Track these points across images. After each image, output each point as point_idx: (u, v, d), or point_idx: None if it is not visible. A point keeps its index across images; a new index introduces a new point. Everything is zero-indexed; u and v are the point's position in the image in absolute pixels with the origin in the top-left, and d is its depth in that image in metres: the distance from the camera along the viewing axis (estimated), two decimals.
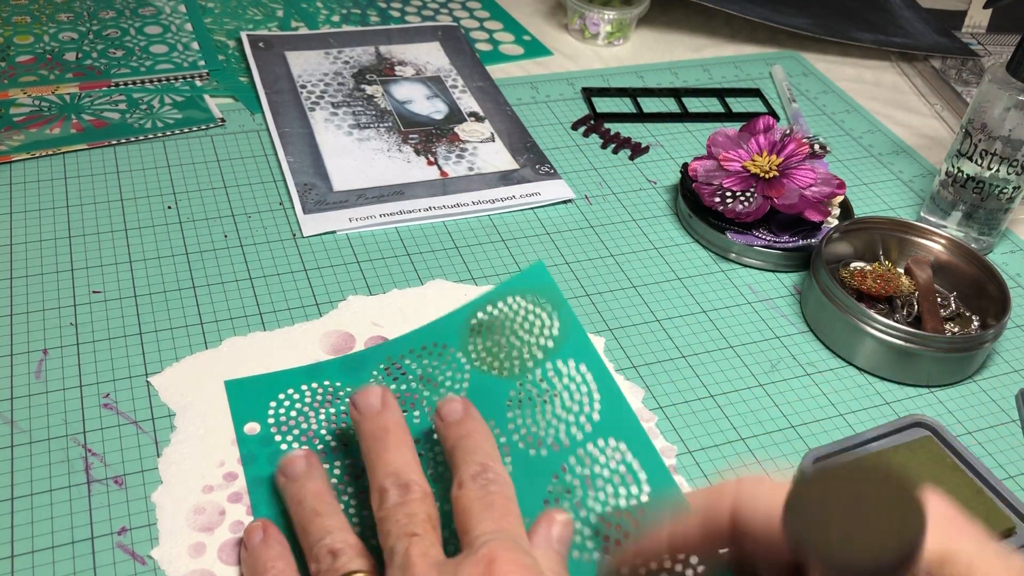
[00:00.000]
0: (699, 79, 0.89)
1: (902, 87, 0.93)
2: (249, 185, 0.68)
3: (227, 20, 0.89)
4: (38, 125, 0.71)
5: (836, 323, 0.59)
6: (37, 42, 0.81)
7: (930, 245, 0.64)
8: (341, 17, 0.92)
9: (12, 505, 0.45)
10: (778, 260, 0.65)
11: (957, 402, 0.57)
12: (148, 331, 0.55)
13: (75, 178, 0.66)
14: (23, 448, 0.47)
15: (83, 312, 0.56)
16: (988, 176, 0.65)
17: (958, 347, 0.56)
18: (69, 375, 0.52)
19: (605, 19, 0.91)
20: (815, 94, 0.89)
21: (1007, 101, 0.63)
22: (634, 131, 0.80)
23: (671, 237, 0.68)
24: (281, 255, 0.62)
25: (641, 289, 0.63)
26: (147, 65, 0.79)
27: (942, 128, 0.87)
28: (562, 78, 0.86)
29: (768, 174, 0.65)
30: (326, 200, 0.67)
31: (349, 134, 0.74)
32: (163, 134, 0.72)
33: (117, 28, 0.85)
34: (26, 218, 0.62)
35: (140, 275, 0.59)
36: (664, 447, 0.52)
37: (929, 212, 0.71)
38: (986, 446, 0.55)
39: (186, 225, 0.63)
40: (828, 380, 0.58)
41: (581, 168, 0.74)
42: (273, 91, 0.78)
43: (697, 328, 0.60)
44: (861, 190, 0.76)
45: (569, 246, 0.66)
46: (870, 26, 0.99)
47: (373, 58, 0.84)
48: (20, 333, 0.54)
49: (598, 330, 0.59)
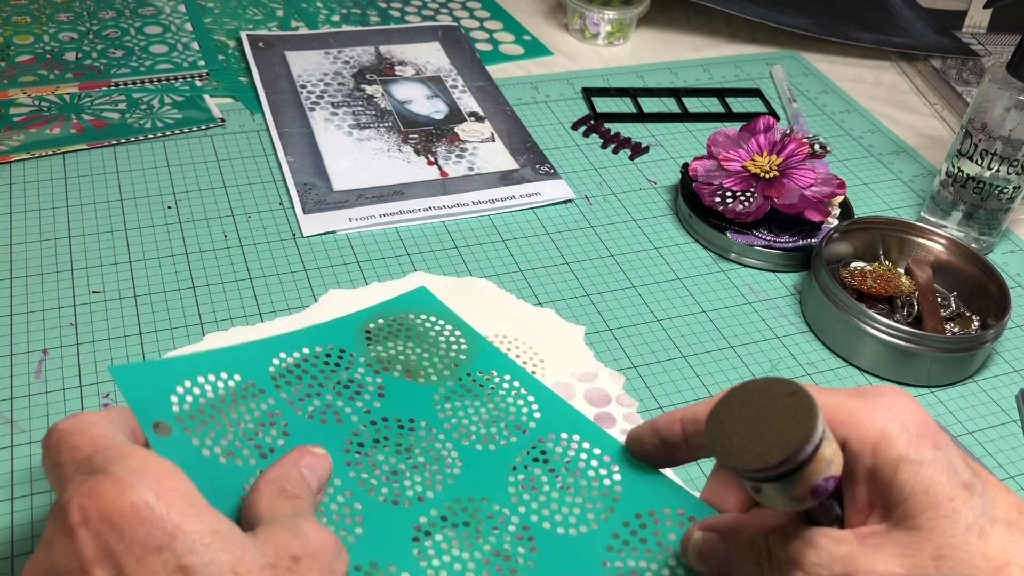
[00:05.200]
0: (699, 79, 0.89)
1: (902, 87, 0.93)
2: (249, 185, 0.68)
3: (227, 20, 0.89)
4: (38, 125, 0.71)
5: (836, 323, 0.59)
6: (37, 42, 0.81)
7: (930, 245, 0.64)
8: (341, 17, 0.92)
9: (12, 505, 0.45)
10: (778, 260, 0.65)
11: (957, 402, 0.57)
12: (148, 331, 0.55)
13: (75, 178, 0.66)
14: (23, 448, 0.47)
15: (83, 312, 0.56)
16: (988, 176, 0.65)
17: (958, 347, 0.56)
18: (69, 375, 0.52)
19: (605, 19, 0.91)
20: (815, 94, 0.89)
21: (1007, 101, 0.63)
22: (634, 131, 0.80)
23: (671, 237, 0.68)
24: (281, 255, 0.62)
25: (641, 289, 0.63)
26: (147, 65, 0.79)
27: (942, 128, 0.87)
28: (562, 78, 0.86)
29: (768, 174, 0.65)
30: (326, 200, 0.67)
31: (349, 134, 0.74)
32: (163, 134, 0.72)
33: (117, 28, 0.85)
34: (26, 218, 0.62)
35: (140, 275, 0.59)
36: None
37: (929, 212, 0.71)
38: (986, 446, 0.54)
39: (186, 225, 0.63)
40: (828, 380, 0.58)
41: (581, 168, 0.74)
42: (273, 91, 0.78)
43: (697, 328, 0.60)
44: (861, 190, 0.76)
45: (569, 246, 0.66)
46: (870, 26, 0.99)
47: (373, 58, 0.84)
48: (20, 333, 0.54)
49: (598, 330, 0.59)
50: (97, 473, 0.31)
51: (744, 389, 0.35)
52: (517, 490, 0.42)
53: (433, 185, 0.69)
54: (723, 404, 0.36)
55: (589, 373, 0.55)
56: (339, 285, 0.60)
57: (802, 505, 0.34)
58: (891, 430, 0.35)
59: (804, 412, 0.33)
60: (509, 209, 0.69)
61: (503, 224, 0.67)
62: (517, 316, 0.59)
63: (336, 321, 0.49)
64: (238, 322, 0.56)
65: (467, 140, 0.75)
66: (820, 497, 0.34)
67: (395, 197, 0.68)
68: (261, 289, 0.59)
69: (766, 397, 0.34)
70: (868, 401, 0.36)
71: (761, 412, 0.34)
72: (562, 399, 0.47)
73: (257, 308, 0.57)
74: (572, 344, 0.57)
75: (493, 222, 0.67)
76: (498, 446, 0.44)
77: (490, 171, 0.72)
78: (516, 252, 0.65)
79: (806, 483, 0.33)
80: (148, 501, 0.30)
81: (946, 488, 0.33)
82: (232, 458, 0.39)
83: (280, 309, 0.58)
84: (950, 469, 0.34)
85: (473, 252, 0.64)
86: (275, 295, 0.59)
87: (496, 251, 0.65)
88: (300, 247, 0.63)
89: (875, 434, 0.35)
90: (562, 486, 0.43)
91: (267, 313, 0.57)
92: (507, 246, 0.65)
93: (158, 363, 0.42)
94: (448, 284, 0.61)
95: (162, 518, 0.30)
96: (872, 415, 0.35)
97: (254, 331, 0.55)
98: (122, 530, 0.30)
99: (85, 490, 0.30)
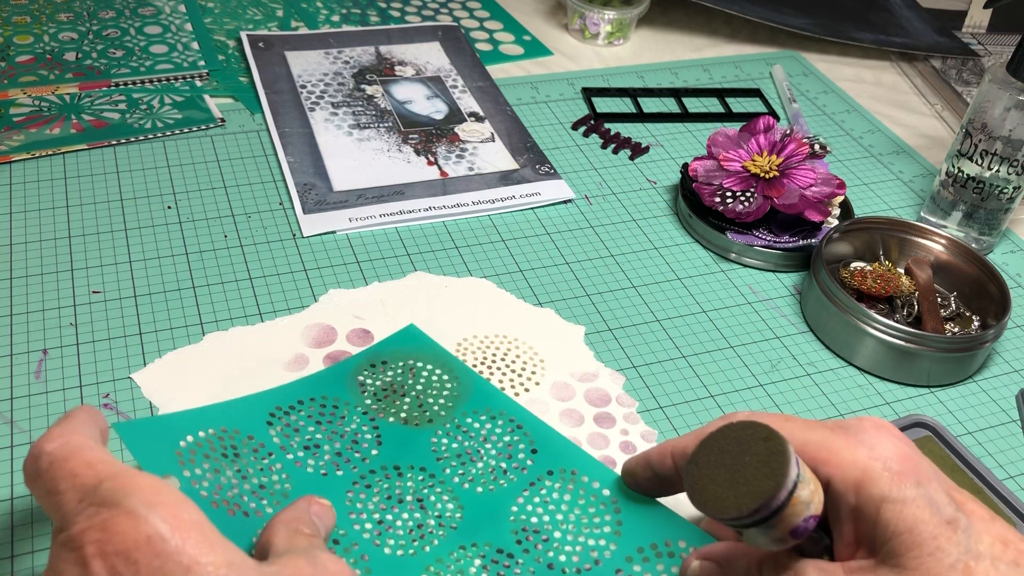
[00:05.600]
0: (699, 79, 0.89)
1: (902, 87, 0.93)
2: (249, 185, 0.68)
3: (227, 20, 0.89)
4: (38, 125, 0.71)
5: (836, 323, 0.59)
6: (37, 42, 0.81)
7: (930, 245, 0.64)
8: (341, 17, 0.92)
9: (12, 505, 0.45)
10: (778, 260, 0.65)
11: (957, 402, 0.57)
12: (148, 331, 0.55)
13: (75, 178, 0.66)
14: (23, 448, 0.47)
15: (83, 312, 0.56)
16: (988, 176, 0.65)
17: (958, 347, 0.56)
18: (69, 375, 0.52)
19: (605, 19, 0.91)
20: (815, 94, 0.89)
21: (1007, 101, 0.63)
22: (634, 131, 0.80)
23: (671, 237, 0.68)
24: (281, 255, 0.62)
25: (641, 289, 0.63)
26: (147, 65, 0.79)
27: (942, 128, 0.87)
28: (562, 78, 0.86)
29: (768, 174, 0.65)
30: (326, 200, 0.67)
31: (349, 134, 0.74)
32: (163, 134, 0.72)
33: (117, 28, 0.85)
34: (26, 218, 0.62)
35: (140, 275, 0.59)
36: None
37: (929, 212, 0.71)
38: (986, 446, 0.54)
39: (186, 225, 0.63)
40: (828, 380, 0.58)
41: (581, 168, 0.74)
42: (273, 91, 0.78)
43: (697, 328, 0.60)
44: (861, 190, 0.76)
45: (569, 246, 0.66)
46: (870, 26, 0.99)
47: (373, 58, 0.84)
48: (20, 333, 0.54)
49: (598, 330, 0.59)
50: (109, 506, 0.31)
51: (721, 434, 0.36)
52: (520, 532, 0.43)
53: (433, 185, 0.69)
54: (701, 450, 0.36)
55: (589, 373, 0.55)
56: (339, 285, 0.60)
57: (784, 545, 0.35)
58: (873, 469, 0.35)
59: (776, 458, 0.33)
60: (509, 209, 0.69)
61: (503, 224, 0.67)
62: (517, 316, 0.59)
63: (328, 370, 0.50)
64: (238, 322, 0.56)
65: (467, 140, 0.75)
66: (800, 537, 0.34)
67: (395, 197, 0.68)
68: (261, 289, 0.59)
69: (740, 443, 0.35)
70: (850, 438, 0.36)
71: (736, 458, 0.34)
72: (556, 431, 0.48)
73: (257, 308, 0.57)
74: (572, 344, 0.57)
75: (493, 222, 0.67)
76: (498, 487, 0.45)
77: (490, 171, 0.72)
78: (516, 252, 0.65)
79: (785, 526, 0.34)
80: (163, 534, 0.30)
81: (929, 526, 0.34)
82: (239, 510, 0.40)
83: (280, 309, 0.58)
84: (932, 506, 0.34)
85: (473, 252, 0.64)
86: (275, 295, 0.59)
87: (496, 251, 0.65)
88: (300, 247, 0.63)
89: (857, 473, 0.35)
90: (564, 524, 0.43)
91: (267, 313, 0.57)
92: (507, 246, 0.65)
93: (161, 419, 0.43)
94: (448, 284, 0.61)
95: (177, 551, 0.30)
96: (854, 453, 0.36)
97: (254, 331, 0.55)
98: (137, 563, 0.30)
99: (99, 523, 0.30)
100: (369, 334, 0.56)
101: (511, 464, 0.46)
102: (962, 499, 0.36)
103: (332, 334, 0.56)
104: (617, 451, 0.50)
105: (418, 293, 0.59)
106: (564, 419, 0.52)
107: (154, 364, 0.53)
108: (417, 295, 0.59)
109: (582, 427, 0.52)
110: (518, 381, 0.54)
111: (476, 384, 0.50)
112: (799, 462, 0.34)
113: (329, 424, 0.47)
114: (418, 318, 0.57)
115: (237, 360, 0.53)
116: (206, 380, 0.52)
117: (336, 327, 0.56)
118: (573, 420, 0.52)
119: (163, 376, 0.52)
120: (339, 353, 0.54)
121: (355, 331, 0.56)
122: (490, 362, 0.55)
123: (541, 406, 0.52)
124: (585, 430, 0.51)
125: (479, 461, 0.46)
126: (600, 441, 0.51)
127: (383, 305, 0.58)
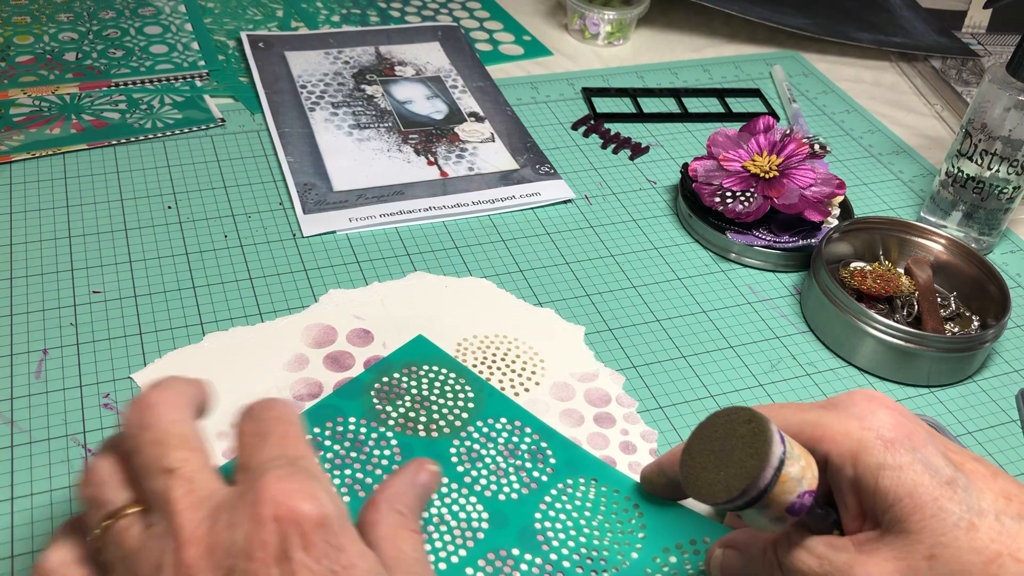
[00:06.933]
0: (699, 79, 0.89)
1: (902, 87, 0.93)
2: (249, 185, 0.68)
3: (227, 20, 0.89)
4: (38, 125, 0.71)
5: (836, 323, 0.59)
6: (37, 42, 0.81)
7: (930, 245, 0.64)
8: (341, 17, 0.92)
9: (12, 505, 0.45)
10: (778, 260, 0.65)
11: (957, 402, 0.57)
12: (148, 331, 0.55)
13: (75, 178, 0.66)
14: (23, 448, 0.47)
15: (83, 312, 0.56)
16: (988, 176, 0.65)
17: (958, 347, 0.56)
18: (69, 375, 0.52)
19: (605, 19, 0.91)
20: (815, 94, 0.89)
21: (1007, 101, 0.63)
22: (634, 131, 0.80)
23: (671, 237, 0.68)
24: (281, 255, 0.62)
25: (641, 289, 0.63)
26: (147, 65, 0.79)
27: (942, 128, 0.87)
28: (562, 78, 0.86)
29: (768, 174, 0.65)
30: (326, 200, 0.67)
31: (349, 134, 0.74)
32: (163, 134, 0.72)
33: (117, 28, 0.85)
34: (26, 218, 0.62)
35: (140, 275, 0.59)
36: (664, 448, 0.52)
37: (929, 212, 0.71)
38: (986, 446, 0.55)
39: (186, 225, 0.63)
40: (828, 380, 0.58)
41: (581, 168, 0.74)
42: (273, 91, 0.78)
43: (697, 328, 0.60)
44: (861, 190, 0.76)
45: (569, 246, 0.66)
46: (870, 26, 0.99)
47: (373, 58, 0.84)
48: (20, 333, 0.54)
49: (598, 330, 0.59)
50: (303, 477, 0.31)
51: (709, 423, 0.36)
52: (547, 537, 0.43)
53: (433, 185, 0.69)
54: (693, 439, 0.37)
55: (589, 373, 0.55)
56: (339, 285, 0.60)
57: (785, 523, 0.35)
58: (866, 439, 0.35)
59: (760, 438, 0.34)
60: (509, 209, 0.69)
61: (503, 224, 0.67)
62: (517, 316, 0.59)
63: (340, 391, 0.50)
64: (238, 322, 0.56)
65: (467, 140, 0.75)
66: (799, 514, 0.34)
67: (395, 197, 0.68)
68: (261, 289, 0.59)
69: (726, 428, 0.35)
70: (841, 413, 0.37)
71: (723, 443, 0.35)
72: (572, 441, 0.48)
73: (257, 308, 0.57)
74: (572, 344, 0.57)
75: (493, 222, 0.67)
76: (520, 495, 0.45)
77: (490, 171, 0.72)
78: (516, 252, 0.65)
79: (779, 504, 0.34)
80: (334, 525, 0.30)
81: (928, 488, 0.34)
82: None
83: (280, 309, 0.58)
84: (930, 468, 0.34)
85: (473, 252, 0.64)
86: (275, 295, 0.59)
87: (496, 251, 0.65)
88: (300, 247, 0.63)
89: (852, 445, 0.35)
90: (588, 530, 0.44)
91: (267, 313, 0.57)
92: (507, 246, 0.65)
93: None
94: (448, 284, 0.61)
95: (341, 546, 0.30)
96: (846, 426, 0.36)
97: (254, 331, 0.55)
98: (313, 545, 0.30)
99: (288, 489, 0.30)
100: (369, 334, 0.56)
101: (531, 472, 0.46)
102: (960, 459, 0.36)
103: (332, 334, 0.56)
104: (617, 451, 0.50)
105: (418, 293, 0.59)
106: (564, 419, 0.52)
107: (154, 364, 0.53)
108: (417, 295, 0.59)
109: (582, 427, 0.52)
110: (518, 381, 0.54)
111: (489, 393, 0.51)
112: (785, 439, 0.34)
113: (348, 446, 0.47)
114: (418, 318, 0.57)
115: (237, 360, 0.53)
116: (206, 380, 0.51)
117: (336, 327, 0.56)
118: (573, 420, 0.52)
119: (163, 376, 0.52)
120: (339, 353, 0.54)
121: (355, 331, 0.56)
122: (490, 362, 0.55)
123: (541, 406, 0.52)
124: (585, 430, 0.51)
125: (499, 471, 0.46)
126: (600, 441, 0.51)
127: (383, 305, 0.58)
